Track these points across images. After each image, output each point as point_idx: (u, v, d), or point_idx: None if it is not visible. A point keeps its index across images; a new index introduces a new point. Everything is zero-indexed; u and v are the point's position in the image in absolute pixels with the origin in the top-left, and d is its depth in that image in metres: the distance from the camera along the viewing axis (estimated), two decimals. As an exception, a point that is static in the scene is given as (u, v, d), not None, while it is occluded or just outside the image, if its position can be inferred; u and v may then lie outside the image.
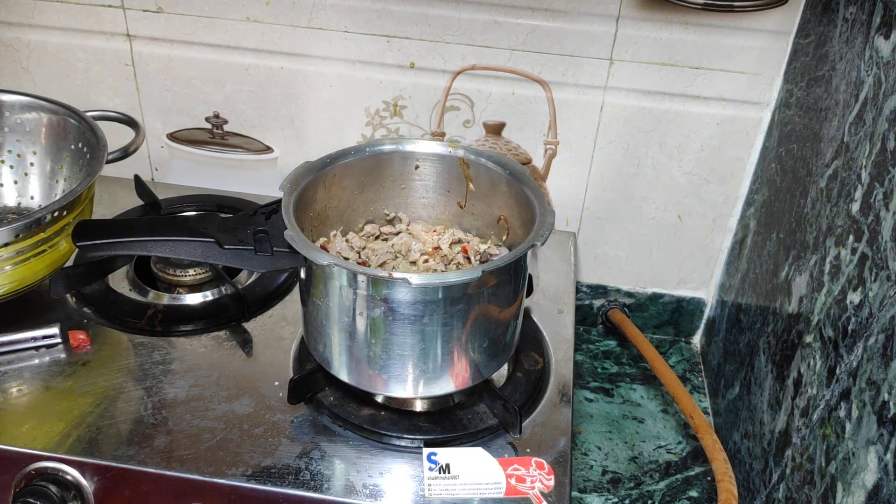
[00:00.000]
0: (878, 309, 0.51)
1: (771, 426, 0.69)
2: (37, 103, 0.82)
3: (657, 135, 0.86)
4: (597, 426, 0.87)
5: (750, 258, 0.83)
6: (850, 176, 0.59)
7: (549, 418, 0.70)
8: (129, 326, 0.76)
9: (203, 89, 0.92)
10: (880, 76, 0.57)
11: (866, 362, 0.52)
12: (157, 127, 0.95)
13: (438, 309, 0.60)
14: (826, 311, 0.60)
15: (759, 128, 0.83)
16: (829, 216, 0.62)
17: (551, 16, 0.81)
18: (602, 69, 0.83)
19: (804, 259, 0.67)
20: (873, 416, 0.50)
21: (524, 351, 0.75)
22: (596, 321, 1.00)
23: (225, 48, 0.88)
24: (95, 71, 0.92)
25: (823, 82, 0.68)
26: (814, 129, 0.69)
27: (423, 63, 0.85)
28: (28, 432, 0.64)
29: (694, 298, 0.97)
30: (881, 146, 0.54)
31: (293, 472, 0.63)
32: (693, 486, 0.80)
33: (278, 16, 0.85)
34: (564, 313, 0.82)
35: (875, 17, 0.59)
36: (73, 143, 0.81)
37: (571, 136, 0.88)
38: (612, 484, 0.80)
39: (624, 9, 0.79)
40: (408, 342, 0.62)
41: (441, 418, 0.68)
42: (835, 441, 0.55)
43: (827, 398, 0.58)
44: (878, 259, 0.53)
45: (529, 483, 0.63)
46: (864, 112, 0.58)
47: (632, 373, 0.94)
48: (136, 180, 0.91)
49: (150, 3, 0.87)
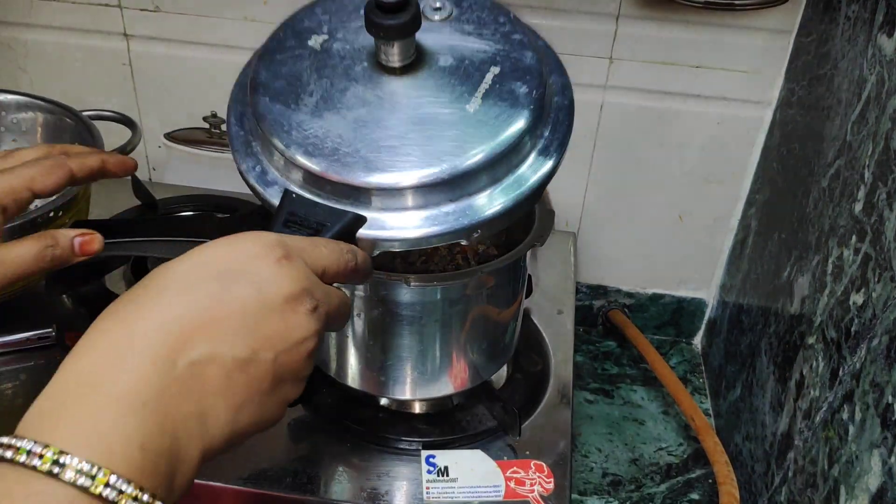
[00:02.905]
0: (881, 310, 0.51)
1: (773, 428, 0.68)
2: (33, 103, 0.82)
3: (657, 134, 0.85)
4: (597, 428, 0.86)
5: (751, 258, 0.82)
6: (853, 175, 0.59)
7: (548, 420, 0.69)
8: (125, 327, 0.75)
9: (201, 89, 0.91)
10: (883, 75, 0.56)
11: (869, 364, 0.52)
12: (154, 127, 0.95)
13: (437, 310, 0.60)
14: (829, 312, 0.60)
15: (761, 127, 0.83)
16: (832, 216, 0.62)
17: (550, 14, 0.80)
18: (602, 68, 0.82)
19: (806, 259, 0.66)
20: (877, 419, 0.49)
21: (523, 352, 0.75)
22: (596, 322, 1.00)
23: (223, 47, 0.88)
24: (92, 70, 0.92)
25: (825, 81, 0.68)
26: (816, 128, 0.68)
27: (422, 62, 0.85)
28: (23, 434, 0.64)
29: (695, 299, 0.96)
30: (884, 145, 0.54)
31: (290, 475, 0.63)
32: (694, 488, 0.80)
33: (276, 15, 0.85)
34: (564, 314, 0.82)
35: (878, 14, 0.59)
36: (69, 142, 0.80)
37: (571, 135, 0.87)
38: (613, 486, 0.80)
39: (624, 7, 0.78)
40: (406, 343, 0.62)
41: (440, 420, 0.68)
42: (838, 444, 0.55)
43: (829, 400, 0.57)
44: (881, 260, 0.52)
45: (529, 486, 0.63)
46: (867, 111, 0.58)
47: (632, 374, 0.94)
48: (134, 180, 0.91)
49: (148, 3, 0.86)
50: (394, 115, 0.48)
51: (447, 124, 0.47)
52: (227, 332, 0.36)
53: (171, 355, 0.34)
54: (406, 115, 0.48)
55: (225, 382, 0.35)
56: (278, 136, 0.47)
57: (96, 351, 0.35)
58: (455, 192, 0.47)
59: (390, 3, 0.44)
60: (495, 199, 0.48)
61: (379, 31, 0.46)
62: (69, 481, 0.30)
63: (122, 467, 0.31)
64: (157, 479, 0.32)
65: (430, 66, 0.49)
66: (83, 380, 0.33)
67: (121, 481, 0.31)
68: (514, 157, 0.48)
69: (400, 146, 0.46)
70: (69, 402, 0.33)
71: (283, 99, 0.48)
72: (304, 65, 0.50)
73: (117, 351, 0.34)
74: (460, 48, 0.50)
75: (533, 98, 0.49)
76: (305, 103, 0.48)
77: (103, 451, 0.31)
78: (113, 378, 0.33)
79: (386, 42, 0.47)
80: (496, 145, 0.47)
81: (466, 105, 0.47)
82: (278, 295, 0.37)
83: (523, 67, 0.49)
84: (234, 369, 0.36)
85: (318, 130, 0.47)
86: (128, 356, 0.34)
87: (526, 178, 0.49)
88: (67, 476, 0.30)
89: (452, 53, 0.49)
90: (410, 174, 0.46)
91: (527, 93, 0.49)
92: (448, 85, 0.48)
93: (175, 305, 0.36)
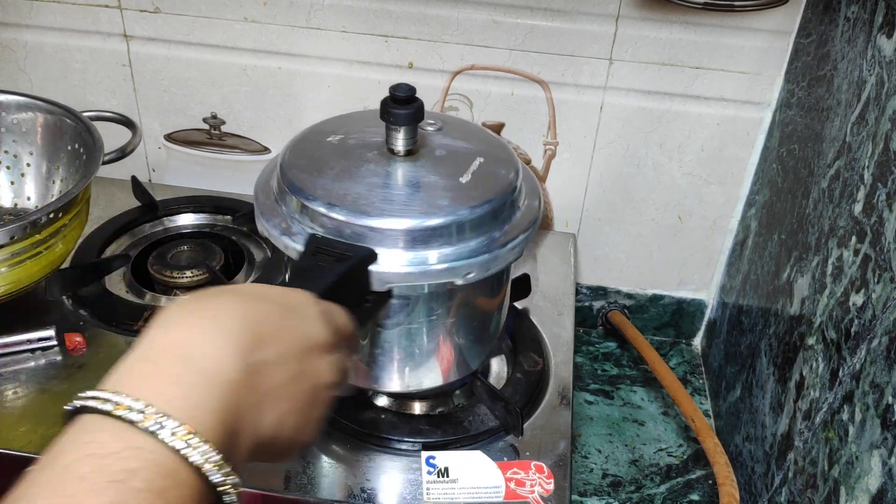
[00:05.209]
0: (881, 311, 0.51)
1: (773, 429, 0.68)
2: (33, 103, 0.82)
3: (657, 135, 0.85)
4: (597, 429, 0.86)
5: (751, 259, 0.82)
6: (853, 176, 0.59)
7: (548, 421, 0.69)
8: (125, 329, 0.75)
9: (200, 90, 0.91)
10: (883, 76, 0.56)
11: (869, 365, 0.52)
12: (154, 128, 0.95)
13: (422, 301, 0.60)
14: (828, 312, 0.60)
15: (760, 128, 0.83)
16: (832, 217, 0.62)
17: (550, 15, 0.80)
18: (602, 69, 0.82)
19: (806, 260, 0.66)
20: (877, 420, 0.50)
21: (523, 352, 0.75)
22: (596, 323, 1.00)
23: (222, 48, 0.88)
24: (92, 71, 0.92)
25: (825, 82, 0.68)
26: (815, 129, 0.68)
27: (422, 63, 0.85)
28: (23, 435, 0.64)
29: (695, 300, 0.96)
30: (884, 146, 0.54)
31: (290, 476, 0.63)
32: (694, 489, 0.80)
33: (276, 16, 0.85)
34: (564, 315, 0.82)
35: (877, 16, 0.59)
36: (69, 143, 0.81)
37: (571, 136, 0.87)
38: (613, 487, 0.80)
39: (623, 8, 0.79)
40: (395, 334, 0.62)
41: (441, 421, 0.68)
42: (838, 444, 0.55)
43: (829, 401, 0.57)
44: (881, 260, 0.52)
45: (529, 487, 0.63)
46: (867, 112, 0.58)
47: (632, 375, 0.94)
48: (134, 181, 0.91)
49: (148, 4, 0.86)
50: (401, 182, 0.59)
51: (445, 189, 0.58)
52: (287, 347, 0.40)
53: (248, 349, 0.38)
54: (411, 183, 0.59)
55: (277, 388, 0.39)
56: (305, 195, 0.57)
57: (186, 327, 0.38)
58: (453, 238, 0.56)
59: (402, 97, 0.57)
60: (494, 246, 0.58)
61: (391, 118, 0.58)
62: (167, 441, 0.32)
63: (209, 437, 0.33)
64: (226, 457, 0.34)
65: (428, 154, 0.61)
66: (176, 351, 0.36)
67: (211, 452, 0.33)
68: (502, 213, 0.59)
69: (409, 202, 0.56)
70: (161, 368, 0.35)
71: (310, 171, 0.59)
72: (326, 151, 0.61)
73: (204, 331, 0.37)
74: (451, 145, 0.62)
75: (514, 175, 0.61)
76: (328, 175, 0.58)
77: (194, 419, 0.33)
78: (202, 354, 0.36)
79: (396, 128, 0.59)
80: (494, 198, 0.58)
81: (460, 178, 0.59)
82: (321, 336, 0.43)
83: (503, 159, 0.63)
84: (286, 380, 0.40)
85: (339, 191, 0.57)
86: (216, 337, 0.37)
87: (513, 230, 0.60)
88: (164, 436, 0.32)
89: (445, 148, 0.62)
90: (419, 220, 0.55)
91: (507, 172, 0.61)
92: (444, 166, 0.60)
93: (252, 310, 0.40)
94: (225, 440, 0.34)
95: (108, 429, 0.32)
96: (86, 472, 0.30)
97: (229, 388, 0.36)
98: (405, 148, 0.60)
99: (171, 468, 0.32)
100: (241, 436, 0.36)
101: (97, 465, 0.31)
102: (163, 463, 0.32)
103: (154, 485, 0.31)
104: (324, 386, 0.43)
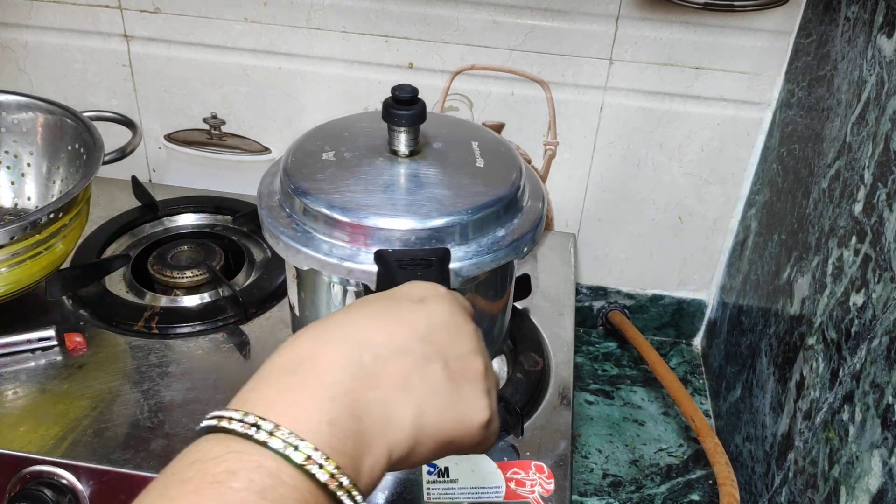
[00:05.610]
0: (881, 311, 0.51)
1: (773, 429, 0.68)
2: (33, 103, 0.82)
3: (657, 135, 0.85)
4: (597, 429, 0.86)
5: (751, 259, 0.82)
6: (853, 176, 0.59)
7: (549, 421, 0.69)
8: (125, 329, 0.75)
9: (201, 90, 0.91)
10: (883, 76, 0.56)
11: (870, 365, 0.52)
12: (154, 128, 0.95)
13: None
14: (829, 312, 0.60)
15: (760, 128, 0.83)
16: (832, 217, 0.62)
17: (550, 15, 0.80)
18: (602, 69, 0.82)
19: (806, 260, 0.66)
20: (877, 420, 0.50)
21: (524, 352, 0.74)
22: (596, 323, 1.00)
23: (223, 49, 0.88)
24: (92, 71, 0.92)
25: (825, 82, 0.68)
26: (815, 129, 0.68)
27: (422, 63, 0.85)
28: (23, 435, 0.64)
29: (695, 300, 0.96)
30: (884, 146, 0.54)
31: (291, 476, 0.63)
32: (694, 489, 0.80)
33: (276, 16, 0.85)
34: (564, 315, 0.82)
35: (877, 16, 0.59)
36: (69, 143, 0.81)
37: (571, 136, 0.87)
38: (613, 487, 0.80)
39: (624, 8, 0.79)
40: None
41: (440, 421, 0.68)
42: (838, 445, 0.55)
43: (830, 401, 0.57)
44: (881, 260, 0.52)
45: (529, 487, 0.63)
46: (867, 112, 0.58)
47: (632, 375, 0.94)
48: (134, 181, 0.91)
49: (148, 4, 0.86)
50: (410, 184, 0.59)
51: (472, 175, 0.59)
52: (403, 337, 0.40)
53: (358, 352, 0.38)
54: (418, 184, 0.58)
55: (404, 378, 0.38)
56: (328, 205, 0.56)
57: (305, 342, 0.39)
58: (503, 219, 0.57)
59: (404, 98, 0.56)
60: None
61: (393, 119, 0.57)
62: (299, 463, 0.33)
63: (328, 447, 0.34)
64: (344, 458, 0.35)
65: (431, 155, 0.61)
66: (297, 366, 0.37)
67: (338, 471, 0.33)
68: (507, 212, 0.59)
69: (419, 203, 0.56)
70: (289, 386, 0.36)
71: (314, 178, 0.58)
72: (329, 168, 0.60)
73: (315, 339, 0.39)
74: (452, 146, 0.62)
75: (517, 175, 0.61)
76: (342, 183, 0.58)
77: (321, 441, 0.34)
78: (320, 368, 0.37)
79: (398, 129, 0.58)
80: (519, 173, 0.60)
81: (476, 163, 0.60)
82: (444, 312, 0.42)
83: (491, 139, 0.64)
84: (412, 368, 0.39)
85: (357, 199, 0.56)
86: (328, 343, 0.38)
87: None
88: (297, 458, 0.33)
89: (447, 148, 0.62)
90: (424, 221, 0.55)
91: (511, 172, 0.61)
92: (450, 156, 0.61)
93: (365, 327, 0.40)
94: (339, 444, 0.35)
95: (240, 447, 0.33)
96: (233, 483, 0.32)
97: (343, 393, 0.36)
98: (408, 149, 0.59)
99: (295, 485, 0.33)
100: (368, 435, 0.36)
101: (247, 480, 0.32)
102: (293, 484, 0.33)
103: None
104: (463, 356, 0.41)
